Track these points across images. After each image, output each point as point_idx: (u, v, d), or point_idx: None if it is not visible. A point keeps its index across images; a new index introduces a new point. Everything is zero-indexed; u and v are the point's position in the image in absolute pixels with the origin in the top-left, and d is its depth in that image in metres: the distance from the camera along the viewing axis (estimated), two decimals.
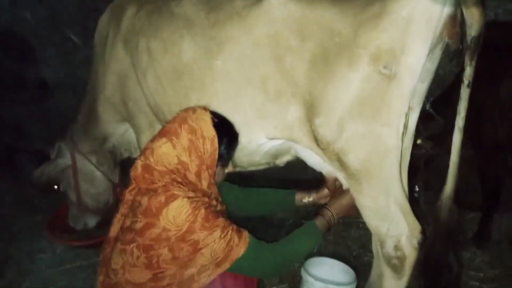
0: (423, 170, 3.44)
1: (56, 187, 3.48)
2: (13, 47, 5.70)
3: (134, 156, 3.48)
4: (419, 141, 3.19)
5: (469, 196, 3.69)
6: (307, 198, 2.50)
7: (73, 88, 5.08)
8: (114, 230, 2.13)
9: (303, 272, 2.47)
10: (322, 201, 2.47)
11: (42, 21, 5.48)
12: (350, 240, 3.53)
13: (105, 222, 3.60)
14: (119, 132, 3.31)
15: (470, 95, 2.02)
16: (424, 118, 3.10)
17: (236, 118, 2.21)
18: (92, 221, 3.62)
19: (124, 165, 3.69)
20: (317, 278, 2.42)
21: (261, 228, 3.46)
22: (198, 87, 2.30)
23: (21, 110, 5.47)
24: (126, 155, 3.52)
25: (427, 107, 3.27)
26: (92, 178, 3.49)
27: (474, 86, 2.01)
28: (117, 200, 3.61)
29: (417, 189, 3.45)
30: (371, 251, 2.71)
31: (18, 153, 5.00)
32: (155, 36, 2.43)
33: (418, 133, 3.15)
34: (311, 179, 2.74)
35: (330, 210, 2.27)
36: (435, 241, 2.17)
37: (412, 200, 3.42)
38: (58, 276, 3.15)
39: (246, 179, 2.84)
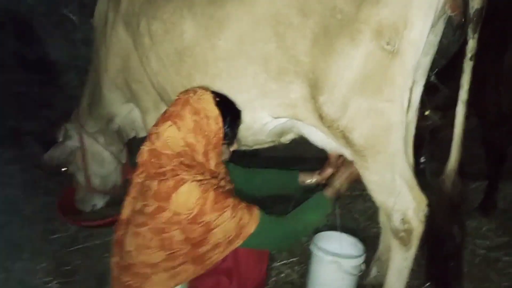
0: (428, 141, 3.45)
1: (64, 169, 3.52)
2: (12, 27, 5.66)
3: (141, 135, 3.50)
4: (427, 113, 3.19)
5: (474, 165, 3.73)
6: (310, 179, 2.50)
7: (75, 67, 5.11)
8: (125, 212, 2.15)
9: (312, 247, 2.51)
10: (324, 181, 2.46)
11: (40, 0, 5.45)
12: (357, 213, 3.57)
13: (114, 202, 3.69)
14: (124, 112, 3.33)
15: (475, 65, 2.01)
16: (429, 89, 3.10)
17: (239, 97, 2.21)
18: (101, 202, 3.69)
19: (131, 145, 3.74)
20: (326, 252, 2.46)
21: (269, 202, 3.52)
22: (201, 67, 2.29)
23: (24, 91, 5.48)
24: (132, 134, 3.54)
25: (432, 78, 3.25)
26: (100, 158, 3.53)
27: (479, 56, 2.00)
28: (126, 180, 3.66)
29: (422, 160, 3.46)
30: (378, 223, 2.76)
31: (24, 134, 5.05)
32: (155, 17, 2.41)
33: (425, 104, 3.17)
34: (314, 157, 2.73)
35: (338, 179, 2.29)
36: (439, 212, 2.20)
37: (418, 171, 3.48)
38: (72, 255, 3.21)
39: (250, 157, 2.84)
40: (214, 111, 2.01)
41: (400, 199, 2.14)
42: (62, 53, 5.45)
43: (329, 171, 2.45)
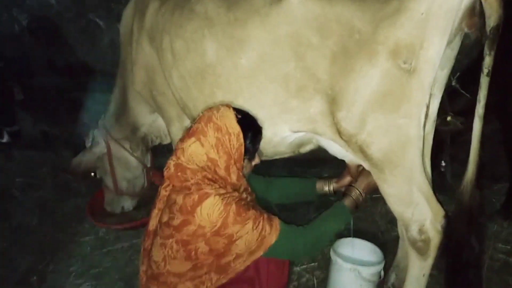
0: (449, 144, 3.45)
1: (93, 174, 3.66)
2: (42, 33, 5.84)
3: (165, 142, 3.62)
4: (449, 118, 3.18)
5: (497, 166, 3.71)
6: (328, 187, 2.57)
7: (102, 72, 5.24)
8: (152, 223, 2.26)
9: (332, 254, 2.58)
10: (343, 190, 2.52)
11: (67, 6, 5.59)
12: (378, 216, 3.60)
13: (141, 204, 3.82)
14: (150, 121, 3.44)
15: (497, 69, 2.01)
16: (450, 93, 3.10)
17: (260, 113, 2.29)
18: (129, 204, 3.83)
19: (155, 151, 3.86)
20: (346, 259, 2.53)
21: (290, 207, 3.57)
22: (223, 86, 2.36)
23: (54, 95, 5.65)
24: (157, 142, 3.65)
25: (453, 82, 3.24)
26: (126, 163, 3.65)
27: (502, 61, 1.99)
28: (152, 183, 3.78)
29: (443, 163, 3.47)
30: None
31: (54, 138, 5.22)
32: (177, 35, 2.49)
33: (446, 109, 3.16)
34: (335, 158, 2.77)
35: (357, 189, 2.35)
36: (458, 223, 2.22)
37: (439, 174, 3.48)
38: (102, 258, 3.33)
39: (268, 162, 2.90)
40: (235, 128, 2.10)
41: (417, 211, 2.19)
42: (89, 57, 5.60)
43: (347, 179, 2.51)
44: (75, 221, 3.79)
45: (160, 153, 3.98)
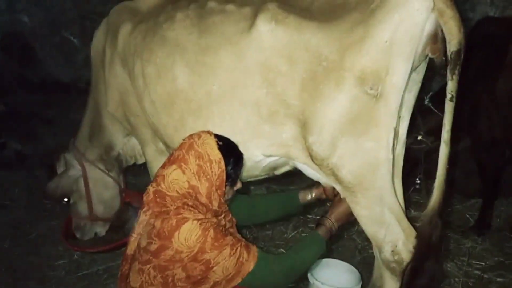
0: (423, 162, 3.51)
1: (66, 200, 3.55)
2: (15, 50, 5.75)
3: (139, 162, 3.57)
4: (419, 137, 3.24)
5: (469, 182, 3.78)
6: (309, 196, 2.56)
7: (77, 88, 5.18)
8: (130, 248, 2.22)
9: (309, 276, 2.56)
10: (324, 196, 2.52)
11: (40, 23, 5.53)
12: (355, 234, 3.63)
13: (115, 226, 3.74)
14: (124, 141, 3.40)
15: (469, 91, 2.05)
16: (423, 112, 3.16)
17: (232, 138, 2.27)
18: (102, 230, 3.69)
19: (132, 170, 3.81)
20: (323, 281, 2.52)
21: (269, 226, 3.57)
22: (194, 111, 2.37)
23: (28, 112, 5.56)
24: (131, 161, 3.60)
25: (426, 101, 3.31)
26: (103, 184, 3.56)
27: (472, 83, 2.02)
28: (126, 203, 3.72)
29: (418, 181, 3.52)
30: None
31: (28, 157, 5.11)
32: (148, 60, 2.49)
33: (418, 128, 3.22)
34: None
35: (330, 219, 2.36)
36: (418, 252, 2.22)
37: (414, 191, 3.52)
38: (77, 282, 3.28)
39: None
40: (217, 155, 2.09)
41: (389, 232, 2.22)
42: (64, 75, 5.53)
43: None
44: (49, 244, 3.74)
45: (137, 172, 3.94)
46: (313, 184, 2.58)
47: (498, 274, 3.11)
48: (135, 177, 4.04)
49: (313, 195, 2.56)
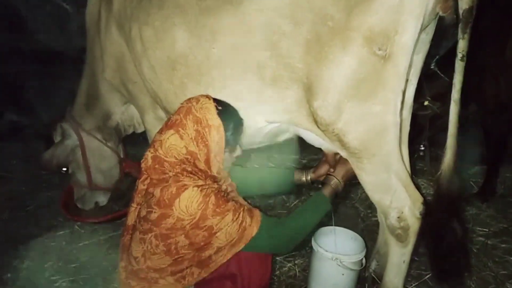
0: (428, 128, 3.46)
1: (64, 169, 3.52)
2: (5, 19, 5.57)
3: (138, 131, 3.51)
4: (426, 103, 3.18)
5: (473, 149, 3.74)
6: (305, 177, 2.52)
7: (71, 57, 5.03)
8: (131, 218, 2.20)
9: (313, 243, 2.56)
10: (321, 179, 2.48)
11: None
12: (358, 201, 3.61)
13: (115, 197, 3.71)
14: (122, 110, 3.33)
15: (475, 56, 2.00)
16: (429, 77, 3.09)
17: (234, 104, 2.21)
18: (103, 199, 3.71)
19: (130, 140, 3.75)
20: (327, 249, 2.51)
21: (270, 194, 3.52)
22: (194, 76, 2.29)
23: (21, 83, 5.44)
24: (130, 131, 3.55)
25: (432, 66, 3.23)
26: (100, 154, 3.53)
27: (479, 47, 1.96)
28: (126, 174, 3.68)
29: (422, 147, 3.48)
30: None
31: (24, 128, 5.03)
32: (146, 23, 2.39)
33: (424, 94, 3.15)
34: None
35: (336, 177, 2.31)
36: (438, 208, 2.22)
37: (418, 158, 3.49)
38: (78, 252, 3.25)
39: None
40: (216, 121, 2.03)
41: (395, 198, 2.19)
42: (57, 43, 5.37)
43: (324, 168, 2.45)
44: (49, 215, 3.70)
45: (133, 143, 3.88)
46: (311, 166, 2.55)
47: (502, 240, 3.12)
48: (133, 147, 3.97)
49: (309, 177, 2.51)
